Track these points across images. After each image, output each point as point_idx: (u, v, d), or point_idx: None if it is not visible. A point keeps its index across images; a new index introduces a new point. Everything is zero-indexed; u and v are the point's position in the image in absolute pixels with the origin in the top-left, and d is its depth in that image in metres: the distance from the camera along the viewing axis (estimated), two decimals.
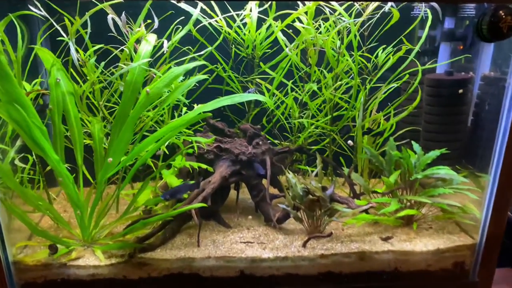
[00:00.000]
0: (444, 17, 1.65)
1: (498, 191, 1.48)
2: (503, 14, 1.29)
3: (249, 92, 1.73)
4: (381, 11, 1.61)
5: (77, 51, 1.47)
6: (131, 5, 1.55)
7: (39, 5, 1.45)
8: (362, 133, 1.74)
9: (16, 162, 1.48)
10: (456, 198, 1.61)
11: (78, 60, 1.48)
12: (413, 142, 1.70)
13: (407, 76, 1.74)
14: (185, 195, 1.55)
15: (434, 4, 1.56)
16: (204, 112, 1.44)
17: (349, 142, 1.72)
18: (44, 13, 1.44)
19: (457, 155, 1.76)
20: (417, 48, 1.65)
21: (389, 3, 1.55)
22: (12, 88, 1.25)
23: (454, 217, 1.64)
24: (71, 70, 1.52)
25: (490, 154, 1.49)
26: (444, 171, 1.59)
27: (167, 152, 1.63)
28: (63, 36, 1.46)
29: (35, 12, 1.44)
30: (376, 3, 1.59)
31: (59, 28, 1.45)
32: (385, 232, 1.63)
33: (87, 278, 1.44)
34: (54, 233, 1.56)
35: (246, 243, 1.56)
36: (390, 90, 1.74)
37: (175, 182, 1.56)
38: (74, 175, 1.44)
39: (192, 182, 1.56)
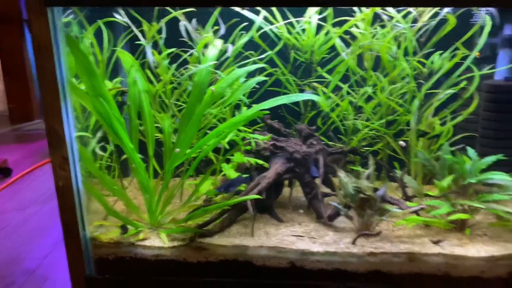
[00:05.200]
0: (504, 24, 1.65)
1: None
2: None
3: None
4: (438, 18, 1.64)
5: (152, 54, 1.65)
6: (201, 13, 1.72)
7: (123, 13, 1.65)
8: (417, 136, 1.77)
9: (97, 150, 1.68)
10: None
11: (153, 62, 1.66)
12: (468, 147, 1.70)
13: (465, 82, 1.75)
14: (242, 187, 1.67)
15: (493, 10, 1.58)
16: (262, 110, 1.55)
17: (401, 143, 1.74)
18: (127, 19, 1.64)
19: None
20: (473, 54, 1.66)
21: (445, 9, 1.58)
22: (98, 84, 1.44)
23: (511, 225, 1.61)
24: (147, 71, 1.71)
25: None
26: (500, 177, 1.57)
27: (227, 147, 1.76)
28: (141, 41, 1.66)
29: (119, 19, 1.64)
30: (434, 10, 1.63)
31: (138, 33, 1.65)
32: (436, 236, 1.64)
33: (152, 258, 1.60)
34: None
35: (297, 236, 1.64)
36: (447, 96, 1.76)
37: (233, 175, 1.68)
38: (145, 164, 1.62)
39: (245, 175, 1.67)
